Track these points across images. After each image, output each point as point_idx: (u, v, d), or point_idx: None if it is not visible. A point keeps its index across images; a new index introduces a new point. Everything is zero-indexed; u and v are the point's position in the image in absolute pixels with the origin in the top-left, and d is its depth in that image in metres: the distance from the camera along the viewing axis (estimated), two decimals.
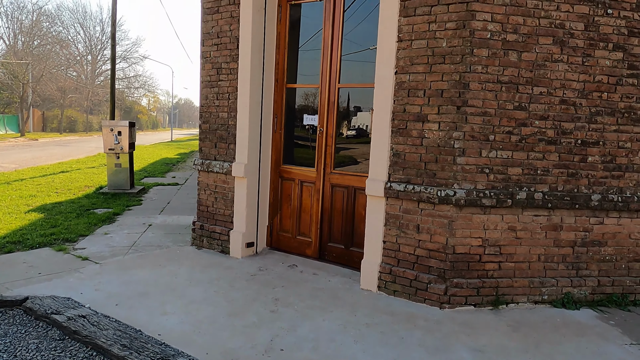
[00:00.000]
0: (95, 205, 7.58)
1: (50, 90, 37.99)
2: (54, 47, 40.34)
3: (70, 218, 6.51)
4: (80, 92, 43.65)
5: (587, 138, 3.84)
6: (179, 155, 19.82)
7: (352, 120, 4.82)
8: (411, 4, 3.78)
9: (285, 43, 4.94)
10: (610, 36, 3.76)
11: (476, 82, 3.61)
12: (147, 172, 12.76)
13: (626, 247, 4.03)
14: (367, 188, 4.07)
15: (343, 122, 4.81)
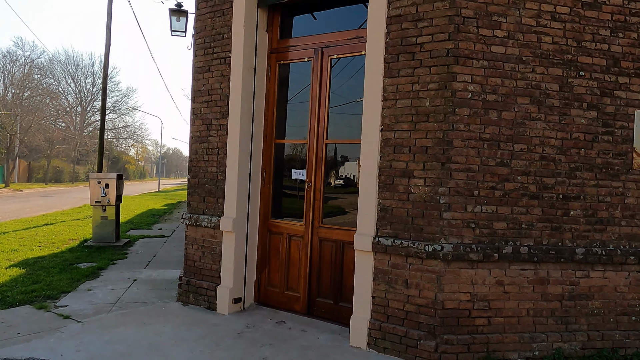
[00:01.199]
0: (79, 259, 7.43)
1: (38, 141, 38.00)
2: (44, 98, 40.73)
3: (53, 273, 6.36)
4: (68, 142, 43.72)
5: (568, 192, 3.95)
6: (166, 206, 19.70)
7: (340, 170, 4.91)
8: (395, 65, 3.97)
9: (274, 100, 5.09)
10: (584, 96, 3.95)
11: (459, 140, 3.74)
12: (133, 224, 12.62)
13: (613, 301, 4.05)
14: (356, 243, 4.09)
15: (331, 172, 4.89)
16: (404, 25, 3.92)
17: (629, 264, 4.03)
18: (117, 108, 47.71)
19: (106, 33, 10.19)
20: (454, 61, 3.72)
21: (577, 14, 3.90)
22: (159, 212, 17.00)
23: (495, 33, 3.77)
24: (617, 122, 4.02)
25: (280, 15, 5.09)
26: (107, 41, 10.37)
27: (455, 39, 3.72)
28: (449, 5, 3.73)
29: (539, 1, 3.83)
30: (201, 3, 5.24)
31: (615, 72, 4.00)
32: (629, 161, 4.06)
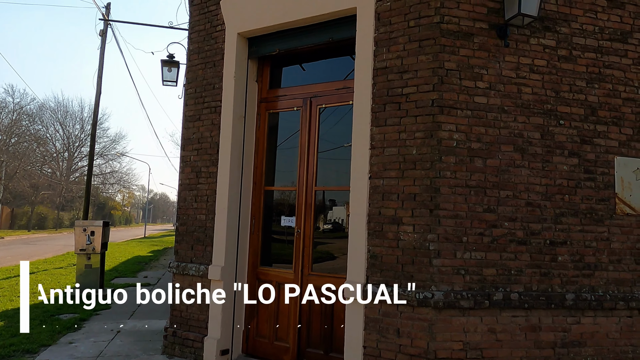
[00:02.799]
0: (61, 310, 7.20)
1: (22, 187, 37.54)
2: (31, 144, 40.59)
3: (33, 325, 6.12)
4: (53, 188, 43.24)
5: (555, 238, 3.99)
6: (152, 253, 19.35)
7: (328, 214, 4.92)
8: (382, 115, 4.08)
9: (264, 148, 5.16)
10: (565, 144, 4.08)
11: (446, 187, 3.80)
12: (118, 271, 12.34)
13: (605, 347, 4.02)
14: (345, 291, 4.04)
15: (320, 216, 4.90)
16: (389, 76, 4.06)
17: (618, 309, 4.04)
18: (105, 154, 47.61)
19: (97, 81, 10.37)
20: (439, 111, 3.84)
21: (554, 66, 4.09)
22: (144, 259, 16.67)
23: (478, 84, 3.93)
24: (598, 168, 4.14)
25: (270, 66, 5.25)
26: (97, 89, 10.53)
27: (439, 90, 3.86)
28: (432, 59, 3.89)
29: (518, 54, 4.02)
30: (193, 55, 5.39)
31: (593, 121, 4.15)
32: (612, 206, 4.15)
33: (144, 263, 15.07)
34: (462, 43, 3.91)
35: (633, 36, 4.30)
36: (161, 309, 7.42)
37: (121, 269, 13.12)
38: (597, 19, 4.22)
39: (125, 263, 14.77)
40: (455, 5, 3.92)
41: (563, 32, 4.13)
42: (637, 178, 4.21)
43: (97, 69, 11.03)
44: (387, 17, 4.12)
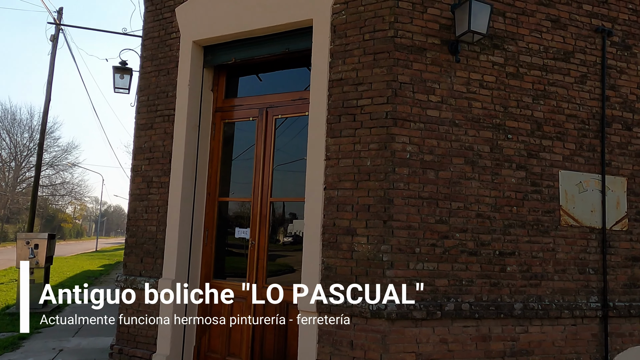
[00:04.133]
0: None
1: None
2: None
3: None
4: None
5: (504, 249, 4.09)
6: (103, 267, 18.57)
7: (289, 227, 4.87)
8: (337, 126, 4.09)
9: (219, 158, 5.06)
10: (512, 157, 4.21)
11: (399, 198, 3.84)
12: (64, 287, 11.73)
13: (552, 355, 4.13)
14: (299, 303, 3.99)
15: (279, 229, 4.84)
16: (345, 88, 4.09)
17: (563, 317, 4.17)
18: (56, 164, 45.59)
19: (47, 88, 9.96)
20: (393, 123, 3.89)
21: (503, 82, 4.24)
22: (94, 273, 15.97)
23: (430, 98, 4.01)
24: (544, 181, 4.29)
25: (226, 75, 5.18)
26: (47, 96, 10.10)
27: (393, 103, 3.91)
28: (386, 71, 3.95)
29: (468, 70, 4.14)
30: (146, 62, 5.25)
31: (539, 136, 4.31)
32: (557, 218, 4.30)
33: (93, 278, 14.42)
34: (416, 57, 3.99)
35: (575, 56, 4.52)
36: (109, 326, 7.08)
37: (68, 284, 12.49)
38: (542, 38, 4.41)
39: (73, 278, 14.09)
40: (409, 20, 4.01)
41: (511, 50, 4.30)
42: (579, 191, 4.39)
43: (47, 75, 10.61)
44: (343, 30, 4.16)
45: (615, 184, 4.52)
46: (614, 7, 4.70)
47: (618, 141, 4.58)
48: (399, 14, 3.98)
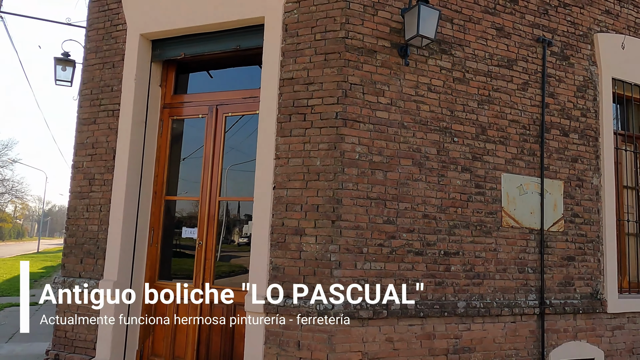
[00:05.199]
0: None
1: None
2: None
3: None
4: None
5: (449, 249, 4.20)
6: (44, 269, 17.64)
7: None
8: (287, 125, 4.06)
9: (166, 155, 4.91)
10: (458, 160, 4.33)
11: (348, 198, 3.86)
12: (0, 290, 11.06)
13: (492, 352, 4.27)
14: (246, 304, 3.93)
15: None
16: (296, 87, 4.07)
17: (504, 315, 4.32)
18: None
19: None
20: (343, 124, 3.90)
21: (450, 86, 4.35)
22: (34, 276, 15.13)
23: (380, 100, 4.06)
24: (487, 184, 4.44)
25: (175, 71, 5.04)
26: None
27: (343, 103, 3.93)
28: (337, 72, 3.96)
29: (417, 74, 4.22)
30: (90, 54, 5.03)
31: (483, 139, 4.46)
32: (499, 219, 4.46)
33: (33, 280, 13.66)
34: (366, 59, 4.03)
35: (518, 64, 4.71)
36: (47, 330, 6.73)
37: (4, 287, 11.79)
38: (487, 45, 4.57)
39: (10, 280, 13.31)
40: (360, 22, 4.04)
41: (458, 55, 4.42)
42: (520, 193, 4.58)
43: None
44: (295, 29, 4.14)
45: (553, 187, 4.74)
46: (554, 19, 4.94)
47: (556, 146, 4.81)
48: (350, 15, 4.00)
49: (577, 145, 4.92)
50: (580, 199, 4.87)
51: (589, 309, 4.71)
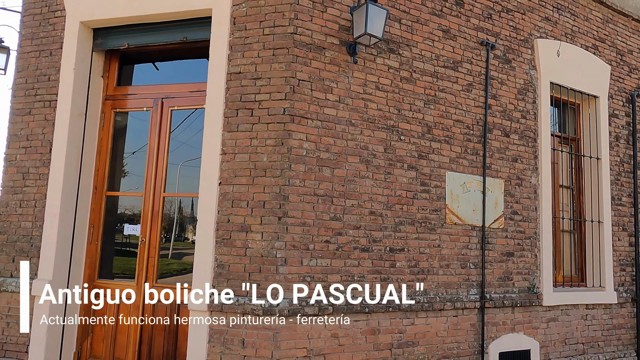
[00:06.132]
0: None
1: None
2: None
3: None
4: None
5: (394, 245, 4.27)
6: None
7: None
8: (234, 120, 4.00)
9: (108, 149, 4.72)
10: (404, 158, 4.41)
11: (295, 195, 3.84)
12: None
13: (435, 345, 4.38)
14: (190, 302, 3.84)
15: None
16: (243, 82, 4.01)
17: (446, 309, 4.45)
18: None
19: None
20: (290, 120, 3.88)
21: (397, 85, 4.42)
22: None
23: (328, 96, 4.06)
24: (432, 181, 4.55)
25: (119, 61, 4.85)
26: None
27: (291, 99, 3.90)
28: (285, 68, 3.93)
29: (365, 72, 4.26)
30: (25, 41, 4.75)
31: (429, 138, 4.56)
32: (443, 216, 4.58)
33: None
34: (314, 55, 4.02)
35: (463, 66, 4.84)
36: None
37: None
38: (434, 47, 4.67)
39: None
40: (309, 18, 4.03)
41: (405, 55, 4.49)
42: (463, 191, 4.72)
43: None
44: (243, 22, 4.08)
45: (494, 186, 4.91)
46: (497, 23, 5.12)
47: (498, 146, 4.99)
48: (299, 11, 3.98)
49: (517, 146, 5.13)
50: (519, 197, 5.08)
51: (526, 302, 4.93)
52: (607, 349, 5.55)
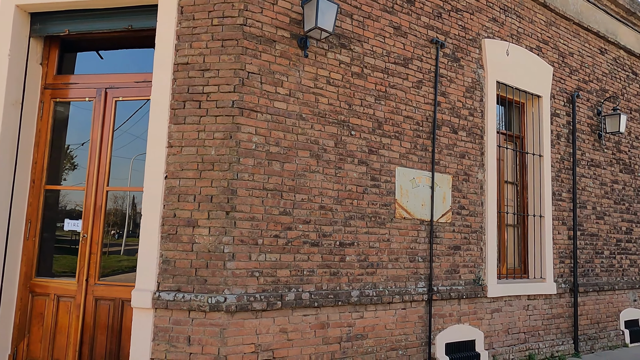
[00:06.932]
0: None
1: None
2: None
3: None
4: None
5: (344, 240, 4.29)
6: None
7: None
8: (181, 112, 3.89)
9: (47, 141, 4.49)
10: (355, 153, 4.43)
11: (243, 189, 3.79)
12: None
13: (384, 338, 4.45)
14: (133, 300, 3.71)
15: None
16: (190, 73, 3.91)
17: (395, 302, 4.52)
18: None
19: None
20: (239, 112, 3.82)
21: (348, 81, 4.43)
22: None
23: (278, 90, 4.02)
24: (382, 177, 4.60)
25: (60, 48, 4.62)
26: None
27: (240, 92, 3.84)
28: (234, 59, 3.86)
29: (316, 66, 4.25)
30: None
31: (379, 134, 4.61)
32: (393, 211, 4.65)
33: None
34: (265, 48, 3.97)
35: (413, 63, 4.92)
36: None
37: None
38: (385, 43, 4.72)
39: None
40: (259, 10, 3.97)
41: (357, 50, 4.51)
42: (412, 186, 4.80)
43: None
44: (191, 12, 3.97)
45: (442, 181, 5.03)
46: (446, 22, 5.23)
47: (446, 143, 5.11)
48: (249, 2, 3.91)
49: (464, 142, 5.27)
50: (466, 192, 5.23)
51: (471, 294, 5.08)
52: (547, 337, 5.82)
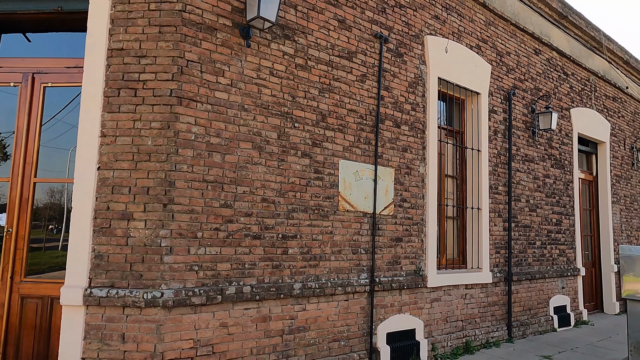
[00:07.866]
0: None
1: None
2: None
3: None
4: None
5: (287, 232, 4.27)
6: None
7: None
8: (115, 100, 3.71)
9: None
10: (298, 145, 4.41)
11: (182, 181, 3.67)
12: None
13: (326, 329, 4.48)
14: (63, 297, 3.52)
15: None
16: (125, 59, 3.74)
17: (337, 294, 4.55)
18: None
19: None
20: (178, 102, 3.69)
21: (292, 72, 4.40)
22: None
23: (219, 80, 3.92)
24: (326, 169, 4.61)
25: None
26: None
27: (179, 80, 3.71)
28: (172, 47, 3.72)
29: (259, 56, 4.18)
30: None
31: (323, 127, 4.61)
32: (336, 204, 4.67)
33: None
34: (205, 36, 3.86)
35: (357, 56, 4.95)
36: None
37: None
38: (329, 36, 4.71)
39: None
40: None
41: (301, 42, 4.48)
42: (356, 179, 4.85)
43: None
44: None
45: (385, 174, 5.11)
46: (390, 17, 5.30)
47: (389, 136, 5.19)
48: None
49: (407, 137, 5.38)
50: (408, 185, 5.34)
51: (412, 285, 5.21)
52: (483, 325, 6.08)
